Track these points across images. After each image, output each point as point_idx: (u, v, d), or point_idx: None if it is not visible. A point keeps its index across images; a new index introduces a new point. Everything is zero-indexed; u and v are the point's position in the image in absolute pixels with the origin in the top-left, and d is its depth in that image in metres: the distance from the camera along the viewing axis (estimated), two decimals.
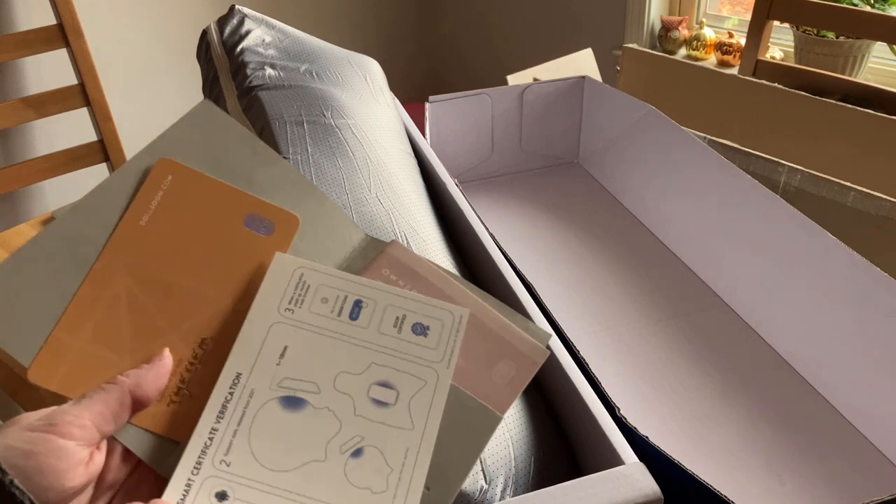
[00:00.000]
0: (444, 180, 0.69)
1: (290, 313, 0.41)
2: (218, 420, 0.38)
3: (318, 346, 0.40)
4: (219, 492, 0.36)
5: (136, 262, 0.41)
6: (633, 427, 0.47)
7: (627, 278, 0.82)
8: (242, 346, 0.40)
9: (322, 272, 0.42)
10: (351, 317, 0.40)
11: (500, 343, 0.42)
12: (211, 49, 0.71)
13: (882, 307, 0.62)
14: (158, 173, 0.44)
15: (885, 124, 0.97)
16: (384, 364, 0.39)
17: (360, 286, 0.41)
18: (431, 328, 0.40)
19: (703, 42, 1.84)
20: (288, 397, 0.38)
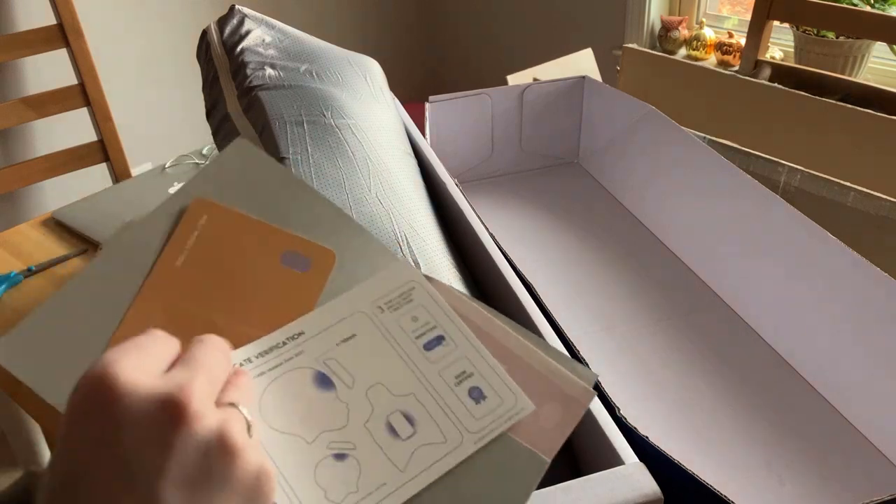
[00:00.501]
0: (444, 180, 0.69)
1: (379, 312, 0.41)
2: (258, 356, 0.39)
3: (380, 350, 0.40)
4: None
5: (172, 303, 0.41)
6: (633, 427, 0.47)
7: (627, 278, 0.82)
8: (323, 314, 0.40)
9: (430, 296, 0.42)
10: (426, 346, 0.40)
11: (547, 385, 0.41)
12: (211, 49, 0.71)
13: (882, 307, 0.62)
14: (193, 213, 0.44)
15: (885, 124, 0.97)
16: (422, 402, 0.39)
17: (453, 325, 0.41)
18: (488, 400, 0.39)
19: (703, 42, 1.84)
20: (324, 375, 0.39)
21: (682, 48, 1.91)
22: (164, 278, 0.42)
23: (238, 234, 0.44)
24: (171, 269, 0.42)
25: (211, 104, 0.71)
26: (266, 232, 0.44)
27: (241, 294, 0.42)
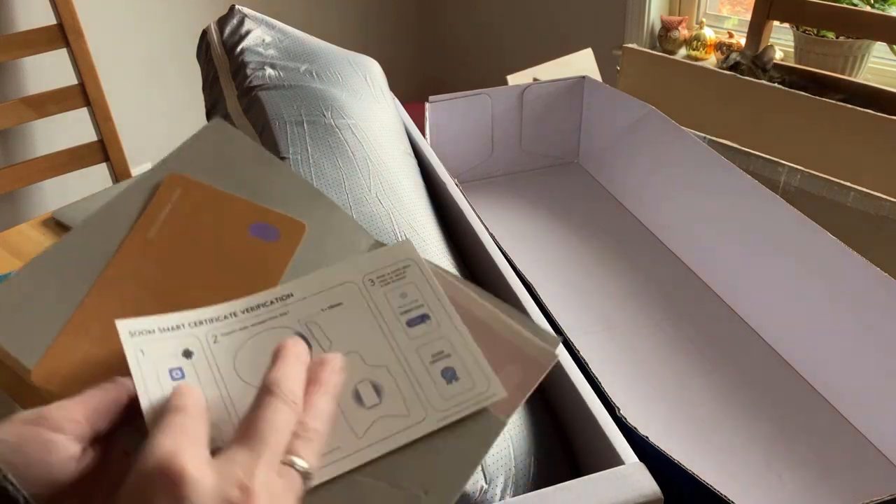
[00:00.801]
0: (444, 180, 0.69)
1: (370, 284, 0.42)
2: (244, 311, 0.40)
3: (362, 321, 0.40)
4: (187, 350, 0.38)
5: (143, 272, 0.42)
6: (634, 427, 0.47)
7: (627, 278, 0.82)
8: (315, 279, 0.41)
9: (424, 275, 0.42)
10: (409, 322, 0.41)
11: (507, 347, 0.41)
12: (211, 49, 0.71)
13: (882, 307, 0.62)
14: (167, 188, 0.45)
15: (886, 124, 0.97)
16: (393, 375, 0.39)
17: (440, 306, 0.41)
18: (460, 382, 0.39)
19: (703, 42, 1.84)
20: (302, 337, 0.39)
21: (682, 48, 1.91)
22: (135, 249, 0.43)
23: (209, 207, 0.45)
24: (142, 241, 0.43)
25: (211, 104, 0.71)
26: (237, 204, 0.45)
27: (209, 263, 0.43)
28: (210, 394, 0.37)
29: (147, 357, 0.37)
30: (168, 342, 0.38)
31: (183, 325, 0.39)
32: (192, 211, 0.44)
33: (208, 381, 0.37)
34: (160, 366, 0.37)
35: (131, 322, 0.38)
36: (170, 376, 0.37)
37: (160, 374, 0.37)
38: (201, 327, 0.39)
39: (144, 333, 0.38)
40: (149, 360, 0.37)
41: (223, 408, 0.37)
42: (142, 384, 0.36)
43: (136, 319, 0.39)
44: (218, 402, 0.37)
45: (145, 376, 0.37)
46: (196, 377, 0.37)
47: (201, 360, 0.38)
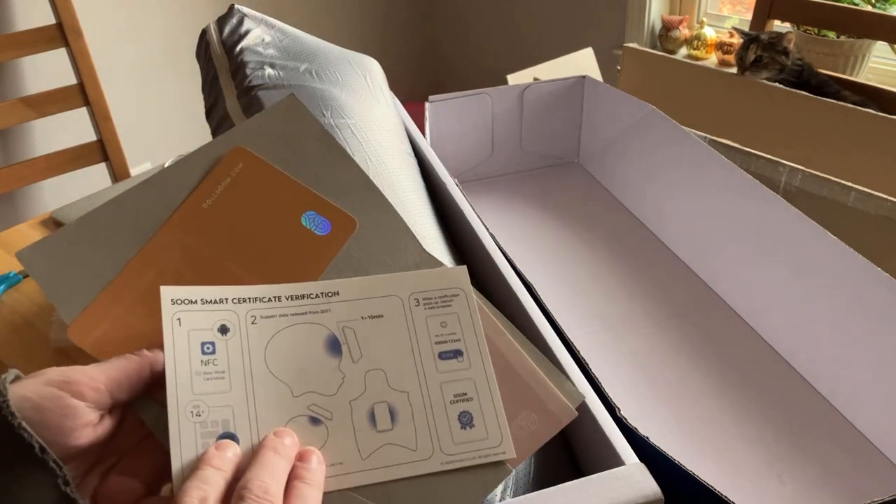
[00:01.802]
0: (444, 180, 0.69)
1: (414, 304, 0.41)
2: (289, 298, 0.39)
3: (397, 340, 0.40)
4: (224, 325, 0.38)
5: (190, 242, 0.42)
6: (634, 427, 0.47)
7: (627, 278, 0.82)
8: (365, 284, 0.41)
9: (469, 309, 0.41)
10: (441, 355, 0.40)
11: (528, 395, 0.40)
12: (210, 49, 0.71)
13: (882, 307, 0.62)
14: (229, 160, 0.45)
15: (886, 124, 0.97)
16: (412, 404, 0.38)
17: (476, 347, 0.41)
18: (474, 430, 0.38)
19: (703, 41, 1.84)
20: (336, 341, 0.39)
21: (683, 48, 1.91)
22: (187, 217, 0.43)
23: (267, 187, 0.44)
24: (196, 210, 0.43)
25: (210, 104, 0.70)
26: (294, 189, 0.45)
27: (255, 245, 0.43)
28: (235, 376, 0.37)
29: (183, 327, 0.38)
30: (207, 315, 0.38)
31: (226, 299, 0.39)
32: (249, 188, 0.44)
33: (236, 362, 0.38)
34: (193, 337, 0.38)
35: (175, 289, 0.39)
36: (201, 349, 0.37)
37: (192, 345, 0.37)
38: (243, 305, 0.39)
39: (186, 303, 0.38)
40: (184, 329, 0.38)
41: (243, 394, 0.37)
42: (171, 352, 0.37)
43: (181, 288, 0.39)
44: (240, 386, 0.37)
45: (176, 345, 0.37)
46: (226, 355, 0.38)
47: (235, 340, 0.38)
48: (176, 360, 0.37)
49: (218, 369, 0.37)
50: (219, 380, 0.37)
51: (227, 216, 0.43)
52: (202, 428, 0.36)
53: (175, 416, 0.36)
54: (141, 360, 0.37)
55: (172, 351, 0.37)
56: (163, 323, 0.37)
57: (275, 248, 0.43)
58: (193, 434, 0.35)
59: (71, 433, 0.33)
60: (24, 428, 0.31)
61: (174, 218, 0.43)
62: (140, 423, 0.37)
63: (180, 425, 0.35)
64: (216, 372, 0.37)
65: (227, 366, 0.37)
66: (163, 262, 0.42)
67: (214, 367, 0.37)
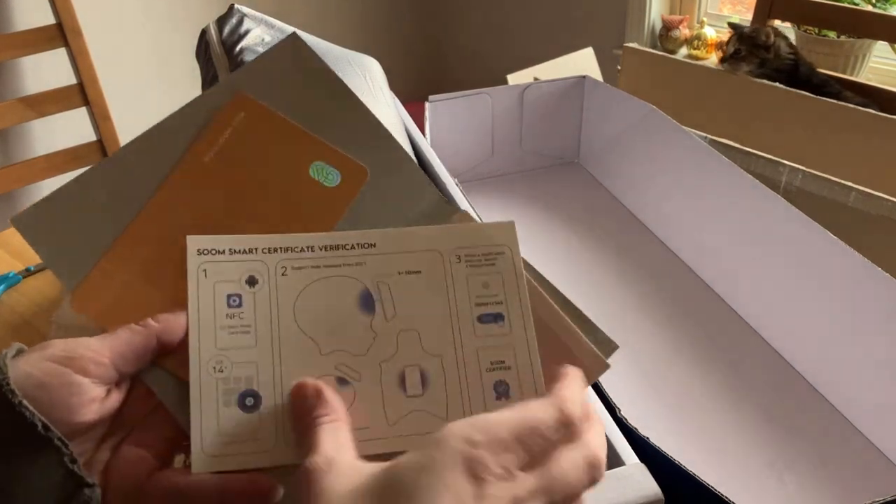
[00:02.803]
0: (444, 180, 0.68)
1: (456, 260, 0.38)
2: (323, 248, 0.37)
3: (435, 299, 0.37)
4: (252, 277, 0.36)
5: (193, 199, 0.40)
6: (634, 428, 0.47)
7: (627, 278, 0.82)
8: (403, 236, 0.38)
9: (514, 270, 0.38)
10: (481, 318, 0.37)
11: (558, 346, 0.38)
12: (210, 48, 0.71)
13: (882, 307, 0.61)
14: (231, 109, 0.42)
15: (886, 124, 0.97)
16: (445, 369, 0.36)
17: (519, 311, 0.38)
18: (510, 401, 0.36)
19: (703, 41, 1.84)
20: (369, 297, 0.37)
21: (683, 47, 1.91)
22: (189, 173, 0.40)
23: (272, 137, 0.42)
24: (197, 165, 0.41)
25: None
26: (302, 139, 0.42)
27: (262, 199, 0.41)
28: (261, 331, 0.35)
29: (209, 279, 0.36)
30: (235, 265, 0.36)
31: (256, 248, 0.37)
32: (253, 138, 0.41)
33: (263, 316, 0.36)
34: (219, 289, 0.36)
35: (202, 239, 0.37)
36: (227, 302, 0.36)
37: (217, 298, 0.36)
38: (274, 255, 0.37)
39: (213, 253, 0.36)
40: (210, 281, 0.36)
41: (269, 350, 0.35)
42: (195, 305, 0.35)
43: (209, 237, 0.37)
44: (266, 342, 0.35)
45: (201, 298, 0.35)
46: (253, 309, 0.36)
47: (263, 292, 0.36)
48: (200, 314, 0.35)
49: (244, 323, 0.35)
50: (244, 334, 0.35)
51: (230, 169, 0.41)
52: (224, 385, 0.34)
53: (196, 372, 0.34)
54: (147, 330, 0.35)
55: (197, 304, 0.35)
56: (188, 274, 0.35)
57: (282, 203, 0.40)
58: (215, 391, 0.34)
59: (78, 410, 0.32)
60: (26, 406, 0.31)
61: (175, 174, 0.40)
62: (149, 392, 0.36)
63: (202, 381, 0.34)
64: (241, 326, 0.35)
65: (253, 319, 0.35)
66: (166, 222, 0.39)
67: (240, 321, 0.35)
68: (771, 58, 1.21)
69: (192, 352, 0.35)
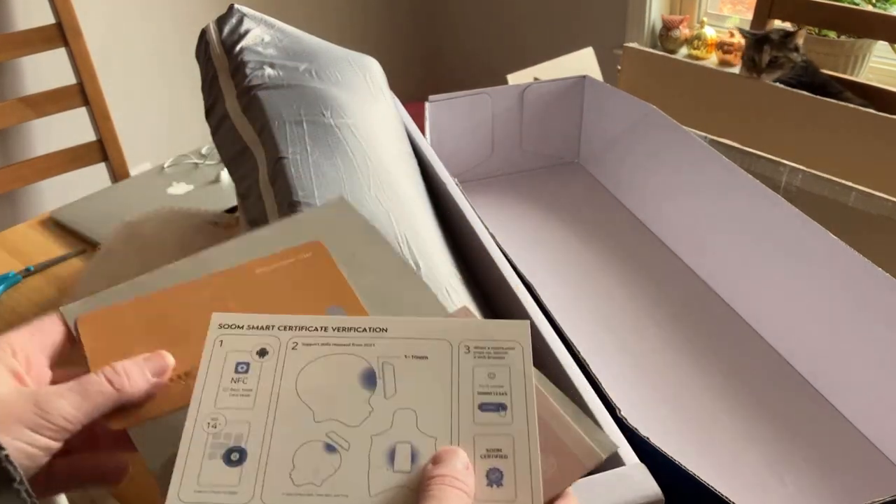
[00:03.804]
0: (444, 180, 0.68)
1: (464, 351, 0.39)
2: (336, 329, 0.39)
3: (436, 384, 0.38)
4: (263, 349, 0.39)
5: (223, 293, 0.44)
6: (634, 428, 0.47)
7: (628, 278, 0.82)
8: (415, 324, 0.40)
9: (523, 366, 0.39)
10: (482, 406, 0.38)
11: (551, 437, 0.38)
12: (210, 48, 0.71)
13: (882, 307, 0.62)
14: (304, 247, 0.47)
15: (886, 124, 0.97)
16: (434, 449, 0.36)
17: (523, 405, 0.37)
18: (502, 489, 0.35)
19: (703, 41, 1.84)
20: (373, 375, 0.38)
21: (683, 47, 1.91)
22: (236, 274, 0.45)
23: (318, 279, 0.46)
24: (248, 272, 0.45)
25: (210, 104, 0.70)
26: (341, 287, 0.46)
27: None
28: (261, 395, 0.37)
29: (224, 347, 0.38)
30: (250, 339, 0.39)
31: (273, 326, 0.39)
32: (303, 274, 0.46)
33: (266, 382, 0.38)
34: (231, 357, 0.38)
35: (225, 315, 0.40)
36: (234, 368, 0.38)
37: (227, 364, 0.38)
38: (288, 332, 0.39)
39: (233, 327, 0.39)
40: (224, 350, 0.38)
41: (264, 412, 0.37)
42: (205, 369, 0.38)
43: (232, 314, 0.40)
44: (263, 405, 0.37)
45: (212, 363, 0.38)
46: (258, 375, 0.38)
47: (270, 362, 0.38)
48: (207, 377, 0.37)
49: (246, 387, 0.37)
50: (244, 397, 0.37)
51: (267, 286, 0.45)
52: (214, 439, 0.36)
53: (191, 426, 0.36)
54: (118, 395, 0.37)
55: (206, 368, 0.38)
56: (205, 344, 0.38)
57: None
58: (203, 444, 0.36)
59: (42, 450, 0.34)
60: (10, 462, 0.32)
61: (225, 271, 0.45)
62: None
63: (193, 434, 0.36)
64: (243, 389, 0.37)
65: (255, 384, 0.38)
66: (189, 301, 0.43)
67: (243, 385, 0.37)
68: (799, 61, 1.20)
69: (192, 409, 0.36)
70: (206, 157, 1.13)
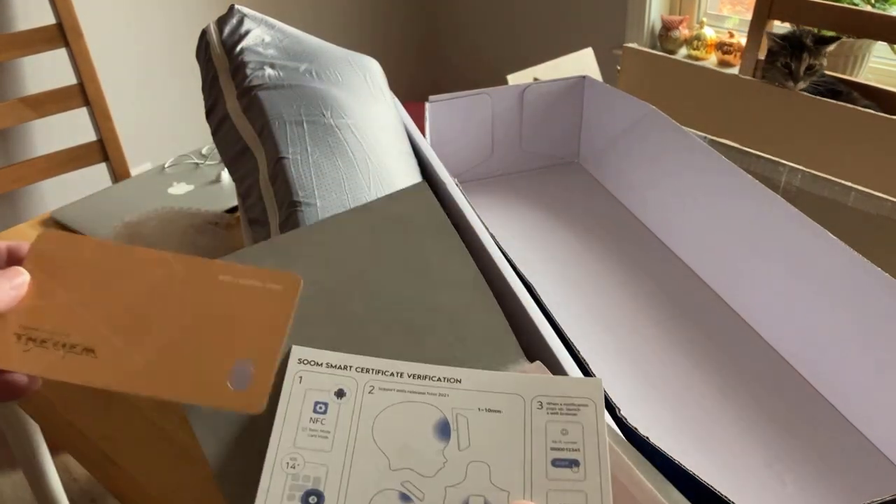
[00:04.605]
0: (444, 180, 0.68)
1: (537, 407, 0.40)
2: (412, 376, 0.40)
3: (510, 438, 0.39)
4: (341, 390, 0.40)
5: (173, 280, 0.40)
6: (634, 428, 0.47)
7: (627, 278, 0.82)
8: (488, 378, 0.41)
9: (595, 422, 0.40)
10: (555, 462, 0.38)
11: (625, 496, 0.39)
12: (210, 49, 0.71)
13: (882, 307, 0.62)
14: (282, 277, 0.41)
15: (886, 124, 0.97)
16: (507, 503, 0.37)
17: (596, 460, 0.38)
18: None
19: (703, 42, 1.84)
20: (447, 425, 0.39)
21: (683, 48, 1.91)
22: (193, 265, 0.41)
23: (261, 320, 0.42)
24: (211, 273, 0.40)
25: (210, 104, 0.70)
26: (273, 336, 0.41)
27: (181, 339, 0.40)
28: (338, 438, 0.38)
29: (303, 385, 0.39)
30: (328, 377, 0.40)
31: (350, 366, 0.40)
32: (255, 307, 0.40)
33: (344, 425, 0.38)
34: (310, 396, 0.39)
35: (305, 350, 0.40)
36: (313, 408, 0.39)
37: (306, 402, 0.39)
38: (366, 374, 0.40)
39: (312, 364, 0.40)
40: (303, 387, 0.39)
41: (341, 456, 0.37)
42: (284, 405, 0.38)
43: (312, 350, 0.40)
44: (341, 449, 0.38)
45: (292, 400, 0.39)
46: (336, 417, 0.39)
47: (348, 404, 0.39)
48: (287, 413, 0.38)
49: (324, 428, 0.38)
50: (322, 438, 0.38)
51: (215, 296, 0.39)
52: (293, 480, 0.36)
53: (271, 463, 0.37)
54: None
55: (287, 404, 0.38)
56: (285, 379, 0.39)
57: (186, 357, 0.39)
58: (283, 485, 0.36)
59: None
60: None
61: (193, 258, 0.40)
62: None
63: (273, 474, 0.36)
64: (321, 430, 0.38)
65: (334, 426, 0.38)
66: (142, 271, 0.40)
67: (321, 426, 0.38)
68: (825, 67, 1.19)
69: (272, 445, 0.37)
70: (206, 158, 1.14)
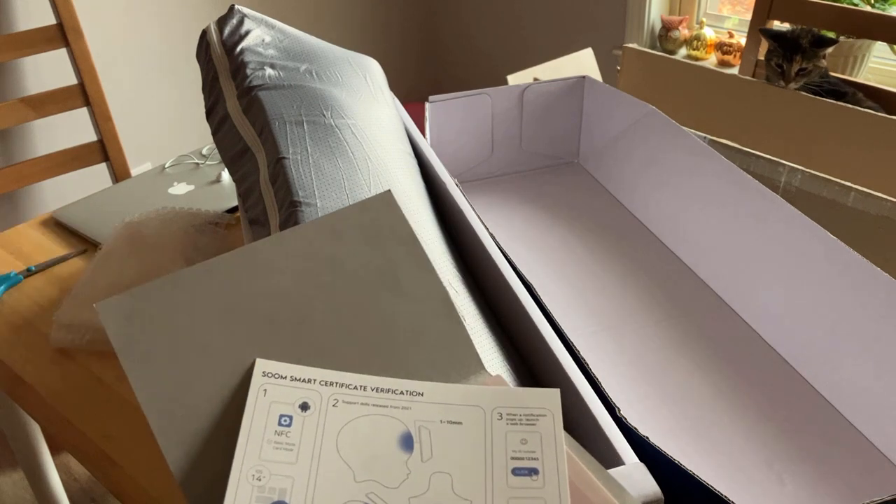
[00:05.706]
0: (444, 180, 0.69)
1: (496, 418, 0.41)
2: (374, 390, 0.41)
3: (471, 449, 0.40)
4: (306, 403, 0.40)
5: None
6: (634, 427, 0.47)
7: (627, 278, 0.82)
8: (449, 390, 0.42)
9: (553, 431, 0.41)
10: (515, 471, 0.39)
11: (581, 499, 0.39)
12: (210, 49, 0.71)
13: (882, 307, 0.62)
14: None
15: (886, 124, 0.97)
16: None
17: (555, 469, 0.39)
18: None
19: (703, 42, 1.84)
20: (410, 438, 0.40)
21: (683, 48, 1.91)
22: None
23: None
24: None
25: (211, 104, 0.70)
26: None
27: None
28: (303, 450, 0.38)
29: (267, 398, 0.40)
30: (293, 391, 0.40)
31: (315, 380, 0.41)
32: None
33: (308, 438, 0.39)
34: (274, 409, 0.39)
35: (269, 363, 0.41)
36: (278, 421, 0.39)
37: (270, 415, 0.39)
38: (329, 388, 0.41)
39: (276, 377, 0.40)
40: (267, 400, 0.40)
41: (307, 469, 0.38)
42: (249, 418, 0.39)
43: (276, 363, 0.41)
44: (306, 461, 0.38)
45: (256, 412, 0.39)
46: (300, 430, 0.39)
47: (312, 417, 0.39)
48: (251, 426, 0.38)
49: (289, 441, 0.39)
50: (287, 451, 0.38)
51: None
52: (259, 492, 0.37)
53: (237, 476, 0.37)
54: None
55: (251, 418, 0.39)
56: (249, 392, 0.39)
57: None
58: (249, 497, 0.37)
59: None
60: None
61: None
62: None
63: (238, 486, 0.37)
64: (287, 443, 0.38)
65: (298, 439, 0.39)
66: None
67: (286, 439, 0.39)
68: (825, 67, 1.19)
69: (238, 457, 0.38)
70: (206, 158, 1.14)
